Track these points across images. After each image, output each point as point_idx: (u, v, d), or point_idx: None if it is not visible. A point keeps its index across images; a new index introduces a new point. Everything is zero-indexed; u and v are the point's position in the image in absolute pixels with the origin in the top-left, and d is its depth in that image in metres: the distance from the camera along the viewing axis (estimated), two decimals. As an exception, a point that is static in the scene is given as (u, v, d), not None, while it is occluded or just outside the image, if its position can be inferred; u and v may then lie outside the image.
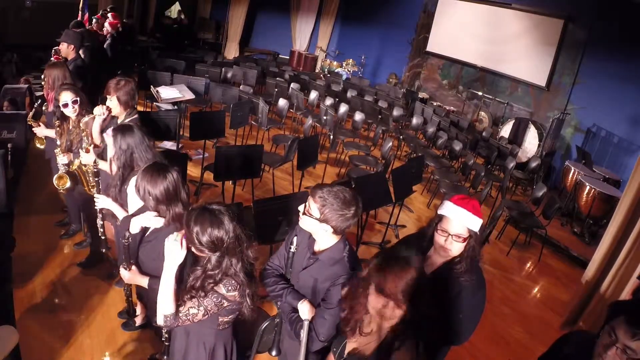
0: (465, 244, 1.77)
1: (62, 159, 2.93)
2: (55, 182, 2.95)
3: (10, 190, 3.73)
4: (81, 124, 2.95)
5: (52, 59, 4.58)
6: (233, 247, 1.64)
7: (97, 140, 2.85)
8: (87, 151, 2.76)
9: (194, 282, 1.68)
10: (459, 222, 1.74)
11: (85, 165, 2.85)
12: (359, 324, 1.43)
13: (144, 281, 2.03)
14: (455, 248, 1.78)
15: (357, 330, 1.45)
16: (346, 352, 1.51)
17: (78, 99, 2.86)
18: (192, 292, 1.67)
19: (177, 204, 1.98)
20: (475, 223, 1.74)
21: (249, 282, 1.70)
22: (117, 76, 2.96)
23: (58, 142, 2.98)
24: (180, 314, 1.65)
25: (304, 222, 1.79)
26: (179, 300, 1.68)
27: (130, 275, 2.03)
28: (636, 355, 1.32)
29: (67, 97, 2.82)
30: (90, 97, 3.17)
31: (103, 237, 2.79)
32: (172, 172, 1.97)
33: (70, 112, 2.87)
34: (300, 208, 1.81)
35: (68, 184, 2.97)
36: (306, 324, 1.46)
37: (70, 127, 2.95)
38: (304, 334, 1.44)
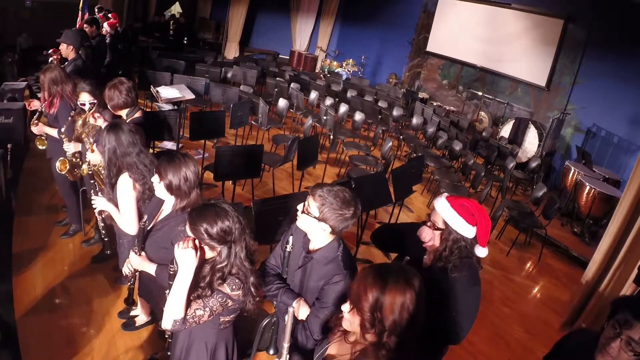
0: (440, 235, 1.79)
1: (67, 147, 3.04)
2: (58, 166, 3.06)
3: (9, 190, 3.75)
4: (77, 127, 2.98)
5: (51, 59, 4.58)
6: (239, 233, 1.66)
7: None
8: (92, 150, 2.79)
9: (200, 281, 1.68)
10: (439, 212, 1.80)
11: (95, 165, 2.86)
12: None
13: (151, 268, 2.04)
14: (431, 235, 1.81)
15: (343, 336, 1.41)
16: (324, 355, 1.47)
17: (95, 102, 2.99)
18: (199, 290, 1.67)
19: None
20: (454, 220, 1.76)
21: (253, 270, 1.71)
22: (116, 77, 3.03)
23: (63, 129, 3.10)
24: (188, 317, 1.64)
25: (302, 221, 1.79)
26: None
27: (139, 261, 2.06)
28: None
29: (85, 98, 2.96)
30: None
31: (107, 239, 2.80)
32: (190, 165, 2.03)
33: (87, 110, 2.99)
34: (299, 207, 1.80)
35: (67, 170, 3.08)
36: (290, 310, 1.45)
37: (77, 126, 3.05)
38: (288, 318, 1.44)
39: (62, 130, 3.11)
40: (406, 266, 1.40)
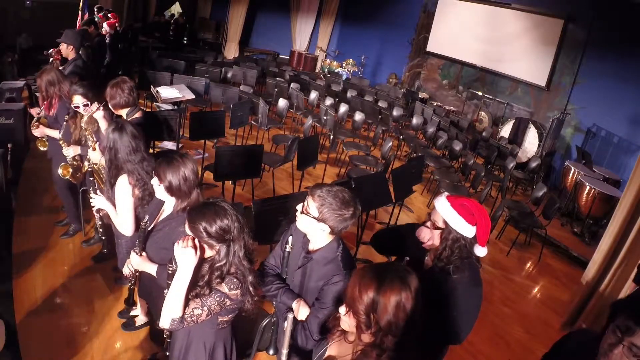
0: (439, 234, 1.79)
1: (66, 151, 3.07)
2: (60, 172, 3.09)
3: (9, 190, 3.76)
4: (82, 124, 2.98)
5: (51, 59, 4.59)
6: (238, 232, 1.66)
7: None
8: (94, 149, 2.79)
9: (199, 280, 1.69)
10: (439, 212, 1.80)
11: (95, 164, 2.87)
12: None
13: (152, 268, 2.05)
14: (430, 235, 1.81)
15: (343, 336, 1.40)
16: (324, 356, 1.46)
17: (89, 102, 2.96)
18: (197, 289, 1.67)
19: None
20: (454, 219, 1.75)
21: (251, 270, 1.72)
22: (116, 77, 3.03)
23: (60, 134, 3.10)
24: (186, 316, 1.64)
25: (301, 221, 1.79)
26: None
27: (140, 261, 2.07)
28: None
29: (78, 100, 2.94)
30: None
31: (104, 238, 2.81)
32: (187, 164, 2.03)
33: (83, 112, 2.99)
34: (298, 207, 1.80)
35: (70, 174, 3.11)
36: (290, 316, 1.45)
37: (82, 123, 3.05)
38: (287, 324, 1.44)
39: (60, 134, 3.11)
40: (402, 265, 1.38)
